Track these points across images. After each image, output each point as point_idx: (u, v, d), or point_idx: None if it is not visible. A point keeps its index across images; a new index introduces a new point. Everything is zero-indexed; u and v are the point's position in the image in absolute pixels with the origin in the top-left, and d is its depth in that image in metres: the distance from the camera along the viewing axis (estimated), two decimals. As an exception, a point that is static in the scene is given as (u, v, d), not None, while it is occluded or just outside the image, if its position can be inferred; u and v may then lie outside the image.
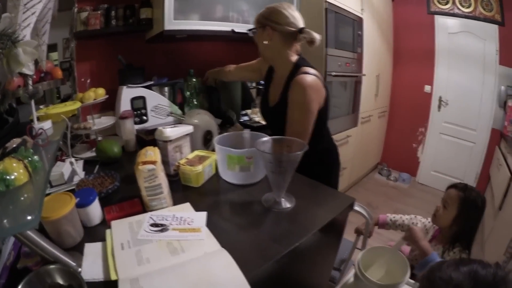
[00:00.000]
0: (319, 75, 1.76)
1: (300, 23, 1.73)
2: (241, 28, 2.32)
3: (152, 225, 1.05)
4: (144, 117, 1.97)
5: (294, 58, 1.79)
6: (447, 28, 4.60)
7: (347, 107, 3.85)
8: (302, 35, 1.71)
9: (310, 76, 1.69)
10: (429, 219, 1.93)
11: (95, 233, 1.05)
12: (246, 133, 1.53)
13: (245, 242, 1.06)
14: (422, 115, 5.04)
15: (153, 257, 0.92)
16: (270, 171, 1.20)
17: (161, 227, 1.03)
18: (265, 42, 1.76)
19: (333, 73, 3.21)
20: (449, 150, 4.89)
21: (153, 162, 1.13)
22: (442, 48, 4.70)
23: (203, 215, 1.11)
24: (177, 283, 0.82)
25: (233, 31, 2.31)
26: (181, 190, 1.33)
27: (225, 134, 1.54)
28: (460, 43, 4.53)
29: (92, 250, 0.96)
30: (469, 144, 4.71)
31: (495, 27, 4.18)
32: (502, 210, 3.31)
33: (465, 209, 1.65)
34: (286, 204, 1.26)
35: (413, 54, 4.88)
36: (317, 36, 1.69)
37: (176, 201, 1.24)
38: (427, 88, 4.90)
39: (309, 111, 1.70)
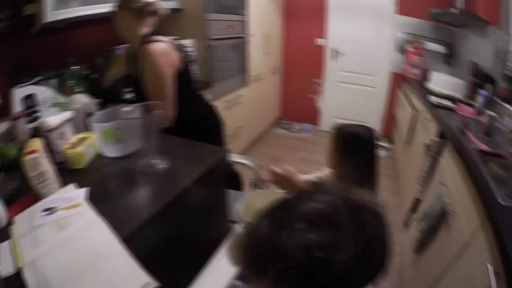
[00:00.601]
0: (169, 40, 1.88)
1: None
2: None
3: (44, 210, 1.10)
4: (37, 114, 1.84)
5: (144, 31, 1.85)
6: (340, -17, 4.67)
7: (236, 68, 3.82)
8: (148, 7, 1.81)
9: (157, 43, 1.77)
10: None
11: (5, 233, 1.06)
12: (121, 107, 1.46)
13: (122, 207, 1.13)
14: (317, 67, 5.10)
15: (46, 238, 0.98)
16: (137, 136, 1.30)
17: (51, 210, 1.09)
18: (121, 22, 1.85)
19: (215, 37, 3.17)
20: (349, 97, 5.08)
21: (35, 151, 1.15)
22: (334, 2, 4.73)
23: (83, 191, 1.18)
24: (63, 254, 0.92)
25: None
26: (69, 174, 1.33)
27: (102, 112, 1.56)
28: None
29: (4, 249, 0.99)
30: (369, 89, 4.89)
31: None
32: (411, 144, 3.42)
33: (343, 146, 1.57)
34: (159, 165, 1.35)
35: (304, 10, 4.84)
36: (161, 7, 1.86)
37: (65, 185, 1.26)
38: (320, 41, 4.96)
39: (162, 76, 1.78)
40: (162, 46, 1.78)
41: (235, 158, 1.84)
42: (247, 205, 1.34)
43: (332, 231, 0.58)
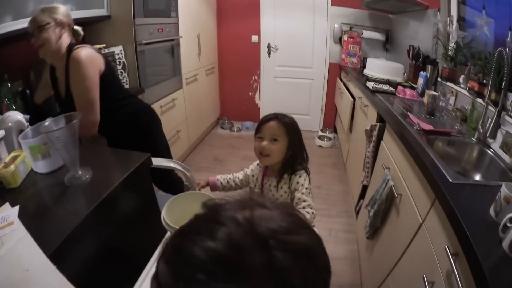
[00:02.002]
0: (91, 46, 1.95)
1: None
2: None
3: (-18, 232, 1.12)
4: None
5: (65, 45, 1.88)
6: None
7: (168, 71, 3.73)
8: (73, 27, 1.95)
9: (81, 49, 1.84)
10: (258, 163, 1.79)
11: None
12: (48, 120, 1.41)
13: (50, 222, 1.14)
14: (253, 64, 5.12)
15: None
16: (56, 149, 1.29)
17: (-13, 232, 1.12)
18: (54, 38, 1.82)
19: (144, 42, 3.04)
20: (287, 91, 5.12)
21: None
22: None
23: (16, 209, 1.17)
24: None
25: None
26: (6, 194, 1.31)
27: (31, 127, 1.52)
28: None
29: None
30: (307, 81, 4.95)
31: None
32: (352, 131, 3.45)
33: (292, 133, 1.58)
34: (83, 177, 1.35)
35: (238, 8, 4.88)
36: (79, 28, 2.00)
37: (1, 205, 1.23)
38: (254, 38, 4.97)
39: (89, 78, 1.83)
40: (86, 49, 1.85)
41: (163, 162, 1.81)
42: (169, 208, 1.34)
43: (236, 282, 0.43)
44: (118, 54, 2.79)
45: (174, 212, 1.33)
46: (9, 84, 2.07)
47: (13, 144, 1.56)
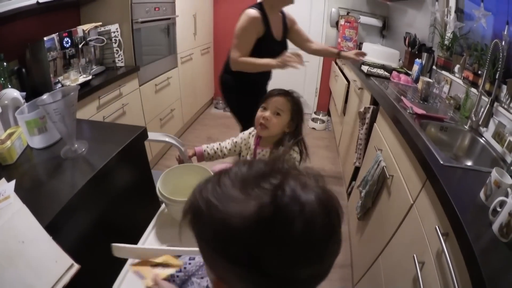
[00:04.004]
0: None
1: None
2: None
3: (-21, 208, 1.12)
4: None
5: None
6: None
7: (163, 50, 3.70)
8: None
9: None
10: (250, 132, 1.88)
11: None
12: (45, 95, 1.40)
13: (47, 194, 1.14)
14: (249, 46, 5.03)
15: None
16: (53, 122, 1.28)
17: (-17, 207, 1.11)
18: None
19: (140, 20, 3.01)
20: (282, 72, 4.81)
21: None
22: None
23: (11, 184, 1.18)
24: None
25: (37, 2, 2.22)
26: (1, 171, 1.31)
27: (27, 104, 1.51)
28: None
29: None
30: (302, 63, 4.86)
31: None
32: (346, 114, 3.48)
33: (296, 111, 1.68)
34: (79, 150, 1.36)
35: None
36: None
37: None
38: (250, 19, 4.87)
39: None
40: None
41: (159, 137, 1.86)
42: (164, 179, 1.39)
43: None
44: (114, 32, 2.76)
45: (169, 184, 1.38)
46: (5, 64, 2.07)
47: (9, 121, 1.56)
